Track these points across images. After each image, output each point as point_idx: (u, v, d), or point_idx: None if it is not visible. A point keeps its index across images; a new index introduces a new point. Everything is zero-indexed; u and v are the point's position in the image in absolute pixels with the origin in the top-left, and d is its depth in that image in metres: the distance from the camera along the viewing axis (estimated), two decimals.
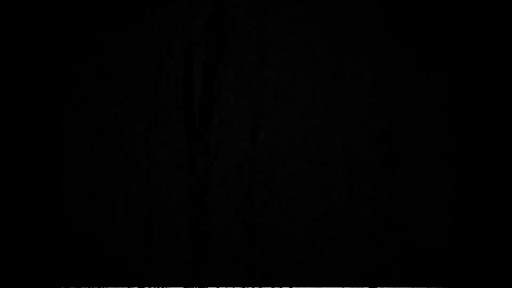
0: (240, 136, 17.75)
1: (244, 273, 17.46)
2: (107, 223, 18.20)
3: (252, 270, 17.74)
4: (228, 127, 17.75)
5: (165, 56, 18.74)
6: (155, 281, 16.59)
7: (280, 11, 17.34)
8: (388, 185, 18.51)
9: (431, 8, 18.19)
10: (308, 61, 17.28)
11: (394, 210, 18.40)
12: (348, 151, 17.65)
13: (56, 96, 15.60)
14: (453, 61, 18.03)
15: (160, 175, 18.86)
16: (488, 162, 17.01)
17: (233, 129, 17.61)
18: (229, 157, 17.75)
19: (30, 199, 16.31)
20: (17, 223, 15.60)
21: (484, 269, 16.41)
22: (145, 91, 19.27)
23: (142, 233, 18.40)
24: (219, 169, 18.17)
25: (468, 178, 16.99)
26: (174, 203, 19.24)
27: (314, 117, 17.53)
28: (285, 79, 17.61)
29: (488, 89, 18.11)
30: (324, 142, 17.34)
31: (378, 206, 18.78)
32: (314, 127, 17.44)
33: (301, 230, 19.03)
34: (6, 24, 14.72)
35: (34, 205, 16.25)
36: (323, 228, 18.95)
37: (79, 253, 15.76)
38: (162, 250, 18.50)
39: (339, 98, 17.38)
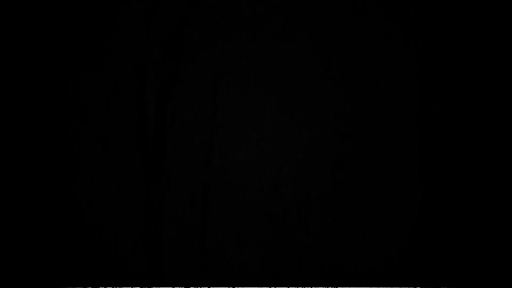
0: (195, 162, 17.65)
1: None
2: (74, 246, 17.80)
3: None
4: (182, 152, 17.64)
5: (118, 80, 18.54)
6: None
7: (233, 39, 17.34)
8: (339, 212, 18.49)
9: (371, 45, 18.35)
10: (260, 88, 17.29)
11: (344, 237, 18.36)
12: (300, 178, 17.70)
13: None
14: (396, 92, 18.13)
15: (116, 199, 18.55)
16: (434, 190, 17.11)
17: (187, 155, 17.51)
18: (183, 182, 17.61)
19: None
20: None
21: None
22: (99, 115, 18.94)
23: (103, 255, 18.07)
24: (173, 195, 17.97)
25: (413, 202, 17.03)
26: (130, 229, 18.92)
27: (267, 144, 17.53)
28: (238, 106, 17.61)
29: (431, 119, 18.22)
30: (276, 168, 17.34)
31: (328, 232, 18.70)
32: (267, 154, 17.44)
33: (252, 256, 18.89)
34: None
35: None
36: (274, 254, 18.86)
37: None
38: (121, 273, 18.18)
39: (291, 125, 17.46)
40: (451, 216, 17.86)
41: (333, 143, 18.87)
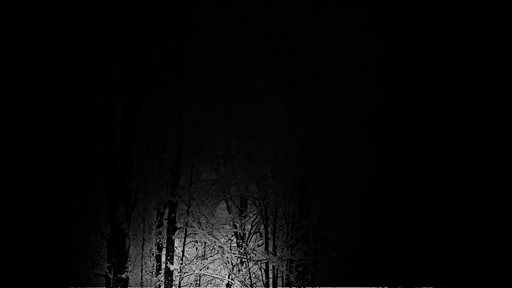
0: (161, 182, 17.52)
1: None
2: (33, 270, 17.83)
3: None
4: (149, 173, 17.51)
5: (84, 100, 18.38)
6: None
7: (196, 59, 17.21)
8: (305, 231, 18.21)
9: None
10: (225, 109, 17.17)
11: (310, 258, 18.11)
12: (266, 198, 17.49)
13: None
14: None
15: (80, 219, 18.51)
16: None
17: (153, 175, 17.39)
18: (150, 202, 17.50)
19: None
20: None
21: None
22: (67, 135, 18.85)
23: (62, 280, 18.14)
24: (139, 214, 17.84)
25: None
26: (94, 246, 18.76)
27: (234, 164, 17.36)
28: (203, 126, 17.46)
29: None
30: (243, 189, 17.20)
31: (295, 252, 18.39)
32: (234, 174, 17.29)
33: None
34: None
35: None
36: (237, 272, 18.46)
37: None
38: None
39: (258, 145, 17.30)
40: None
41: (301, 164, 18.41)
